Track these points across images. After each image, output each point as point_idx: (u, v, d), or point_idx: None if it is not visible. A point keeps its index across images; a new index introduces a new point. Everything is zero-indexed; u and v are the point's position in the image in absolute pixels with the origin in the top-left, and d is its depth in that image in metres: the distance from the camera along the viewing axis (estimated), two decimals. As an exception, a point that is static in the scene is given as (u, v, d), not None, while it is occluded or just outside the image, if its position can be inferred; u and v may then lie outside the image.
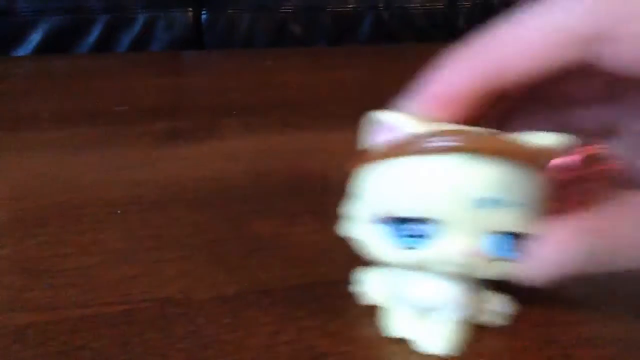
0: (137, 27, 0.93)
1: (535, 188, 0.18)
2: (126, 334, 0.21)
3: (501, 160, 0.17)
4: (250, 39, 1.00)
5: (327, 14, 0.99)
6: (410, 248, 0.18)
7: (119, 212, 0.29)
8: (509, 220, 0.18)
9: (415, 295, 0.20)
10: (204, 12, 1.01)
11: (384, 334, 0.21)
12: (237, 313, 0.22)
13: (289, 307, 0.22)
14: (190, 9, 0.98)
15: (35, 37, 0.87)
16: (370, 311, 0.22)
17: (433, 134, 0.17)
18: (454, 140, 0.17)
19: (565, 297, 0.23)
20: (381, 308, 0.22)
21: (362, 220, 0.19)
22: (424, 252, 0.18)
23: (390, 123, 0.18)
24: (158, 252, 0.26)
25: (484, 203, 0.17)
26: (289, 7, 1.00)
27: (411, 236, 0.18)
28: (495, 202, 0.17)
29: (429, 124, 0.18)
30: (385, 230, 0.18)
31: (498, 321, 0.21)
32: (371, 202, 0.19)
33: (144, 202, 0.30)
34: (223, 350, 0.20)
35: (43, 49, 0.87)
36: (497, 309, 0.21)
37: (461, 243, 0.18)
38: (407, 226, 0.18)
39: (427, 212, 0.18)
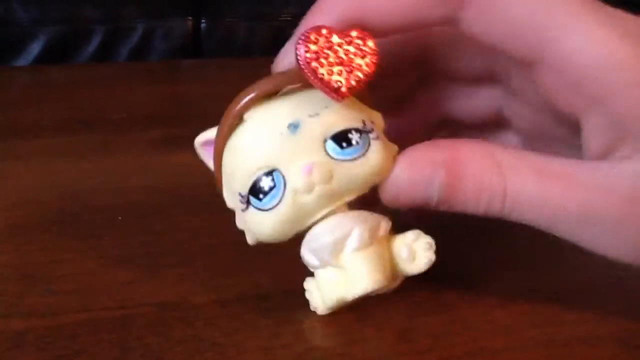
0: (135, 37, 0.93)
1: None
2: (125, 339, 0.21)
3: (283, 90, 0.20)
4: (249, 47, 1.00)
5: (324, 21, 0.99)
6: (274, 207, 0.19)
7: (120, 218, 0.29)
8: (326, 124, 0.19)
9: (313, 247, 0.20)
10: (203, 21, 1.01)
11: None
12: (236, 316, 0.22)
13: (287, 310, 0.22)
14: (189, 17, 0.99)
15: (34, 48, 0.88)
16: (369, 314, 0.22)
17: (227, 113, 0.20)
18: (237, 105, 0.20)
19: (564, 296, 0.23)
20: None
21: (237, 211, 0.21)
22: (285, 201, 0.19)
23: (209, 137, 0.21)
24: (156, 258, 0.26)
25: (295, 126, 0.19)
26: (287, 15, 1.01)
27: (267, 194, 0.19)
28: (302, 120, 0.19)
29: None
30: (252, 207, 0.20)
31: (421, 266, 0.21)
32: (232, 190, 0.21)
33: (143, 208, 0.30)
34: (222, 353, 0.20)
35: (42, 59, 0.87)
36: (417, 250, 0.21)
37: (301, 165, 0.19)
38: (259, 190, 0.20)
39: (260, 163, 0.19)
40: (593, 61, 0.18)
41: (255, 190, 0.20)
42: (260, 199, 0.20)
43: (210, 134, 0.21)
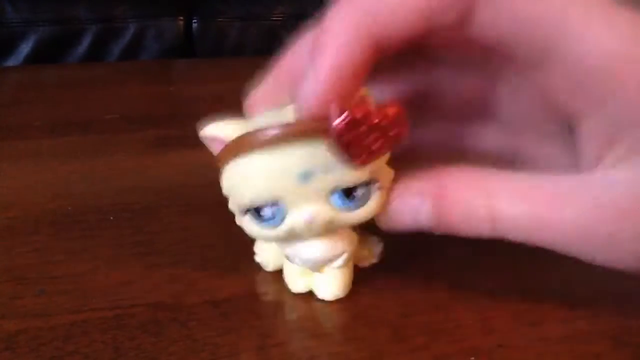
0: (127, 37, 0.93)
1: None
2: (118, 339, 0.21)
3: (302, 141, 0.20)
4: (241, 47, 1.00)
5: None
6: (271, 228, 0.21)
7: (111, 218, 0.29)
8: (337, 180, 0.20)
9: (303, 258, 0.22)
10: (195, 20, 1.01)
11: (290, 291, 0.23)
12: (229, 316, 0.22)
13: (280, 309, 0.23)
14: (181, 17, 0.99)
15: (25, 48, 0.87)
16: (362, 312, 0.22)
17: (246, 136, 0.20)
18: (260, 138, 0.20)
19: (556, 294, 0.24)
20: (282, 270, 0.24)
21: (236, 213, 0.22)
22: (282, 229, 0.21)
23: (217, 135, 0.21)
24: (149, 258, 0.26)
25: (307, 175, 0.20)
26: (279, 15, 1.01)
27: (267, 220, 0.21)
28: (315, 172, 0.20)
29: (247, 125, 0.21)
30: (250, 219, 0.21)
31: (374, 259, 0.24)
32: (233, 198, 0.22)
33: (135, 208, 0.30)
34: (215, 353, 0.20)
35: (33, 59, 0.87)
36: (373, 249, 0.24)
37: (304, 212, 0.20)
38: (262, 212, 0.21)
39: (267, 197, 0.20)
40: (602, 61, 0.18)
41: (256, 212, 0.21)
42: (257, 220, 0.21)
43: (218, 131, 0.21)
